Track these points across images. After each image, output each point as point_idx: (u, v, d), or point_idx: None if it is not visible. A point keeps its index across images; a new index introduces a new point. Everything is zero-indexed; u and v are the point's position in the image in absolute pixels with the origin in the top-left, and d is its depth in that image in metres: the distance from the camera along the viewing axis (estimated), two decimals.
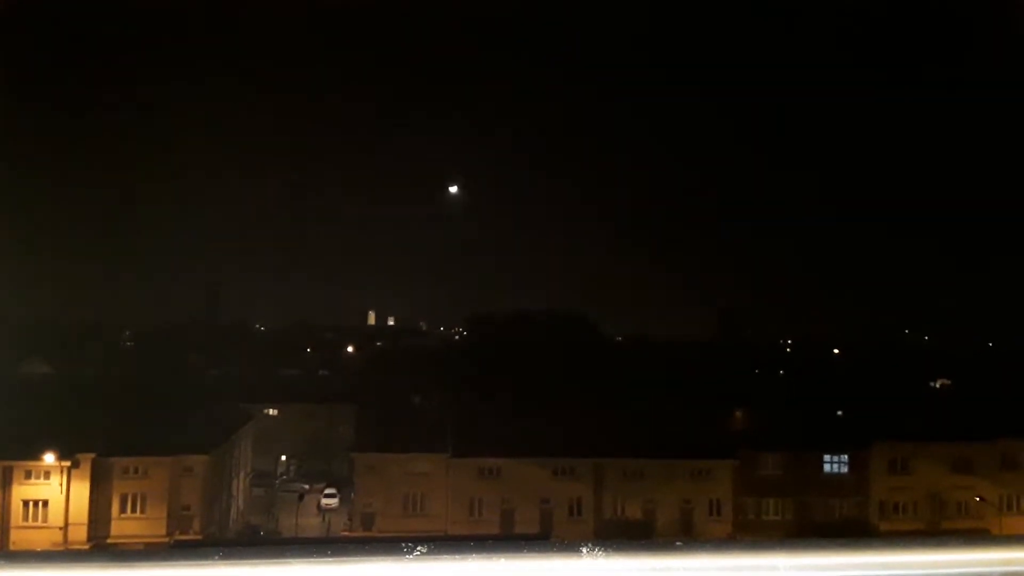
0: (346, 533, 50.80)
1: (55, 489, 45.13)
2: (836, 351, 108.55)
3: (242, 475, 59.05)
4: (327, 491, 60.10)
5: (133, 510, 46.97)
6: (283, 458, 66.24)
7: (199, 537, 46.85)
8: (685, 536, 49.74)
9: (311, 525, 56.05)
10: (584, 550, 2.93)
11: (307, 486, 61.80)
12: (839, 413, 55.44)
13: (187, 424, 47.98)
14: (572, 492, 50.30)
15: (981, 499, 49.91)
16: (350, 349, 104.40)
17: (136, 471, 47.29)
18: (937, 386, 74.84)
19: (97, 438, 45.77)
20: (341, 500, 58.05)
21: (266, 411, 67.19)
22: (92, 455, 45.61)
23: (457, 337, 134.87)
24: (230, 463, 55.01)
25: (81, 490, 45.49)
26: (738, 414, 56.94)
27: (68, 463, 44.97)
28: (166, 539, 46.01)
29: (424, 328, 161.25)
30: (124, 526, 46.52)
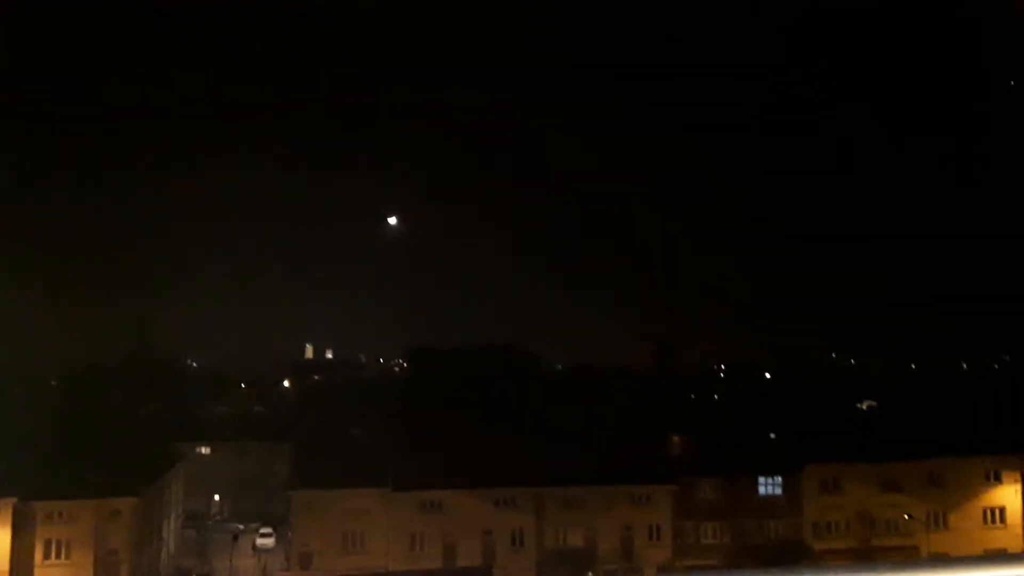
0: (283, 574, 49.64)
1: None
2: (767, 375, 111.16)
3: (173, 517, 57.26)
4: (263, 531, 58.64)
5: (57, 556, 45.05)
6: (216, 498, 64.46)
7: None
8: (627, 563, 50.14)
9: (246, 567, 54.52)
10: None
11: (242, 526, 60.19)
12: (772, 436, 56.78)
13: (115, 466, 46.40)
14: (514, 523, 50.15)
15: (910, 517, 51.55)
16: (286, 384, 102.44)
17: (60, 516, 45.39)
18: (864, 408, 77.21)
19: (19, 482, 43.87)
20: (278, 539, 56.69)
21: (198, 450, 65.40)
22: (13, 500, 43.67)
23: (397, 370, 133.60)
24: (160, 505, 53.31)
25: (1, 537, 43.44)
26: (676, 440, 57.75)
27: None
28: None
29: (363, 361, 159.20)
30: (48, 573, 44.57)
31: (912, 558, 48.06)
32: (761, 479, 52.57)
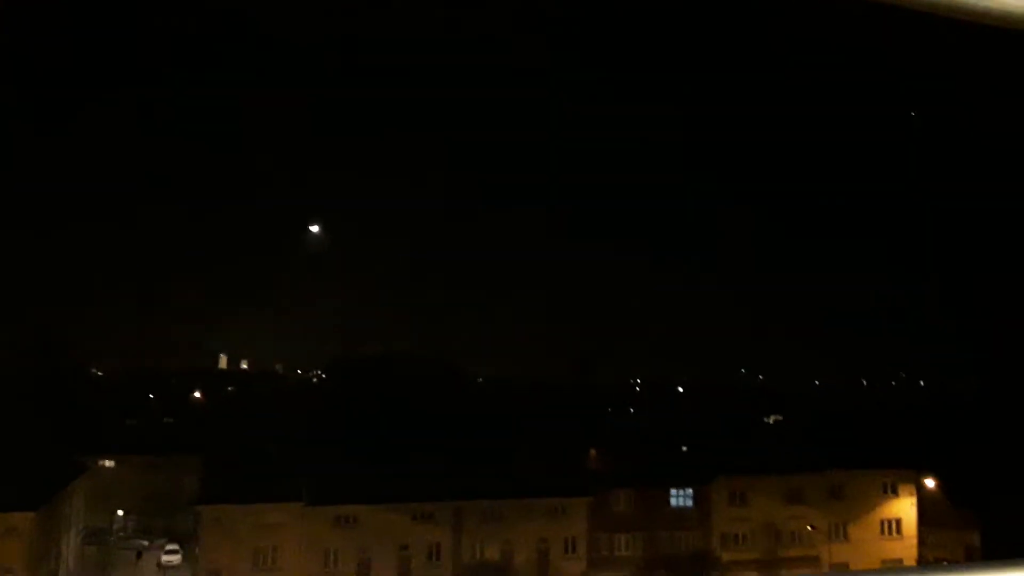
0: None
1: None
2: (680, 389, 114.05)
3: (73, 532, 54.86)
4: (168, 547, 56.67)
5: None
6: (120, 513, 62.03)
7: None
8: (541, 574, 50.63)
9: None
10: None
11: (146, 542, 58.09)
12: (684, 449, 58.35)
13: (11, 478, 44.19)
14: (431, 537, 49.98)
15: (812, 528, 53.71)
16: (197, 394, 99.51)
17: None
18: (771, 422, 79.99)
19: None
20: (184, 556, 54.91)
21: (102, 463, 62.86)
22: None
23: (315, 380, 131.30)
24: (60, 520, 51.02)
25: None
26: (592, 452, 58.69)
27: None
28: None
29: (281, 371, 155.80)
30: None
31: (814, 571, 50.10)
32: (673, 491, 53.97)
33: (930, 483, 54.28)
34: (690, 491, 53.83)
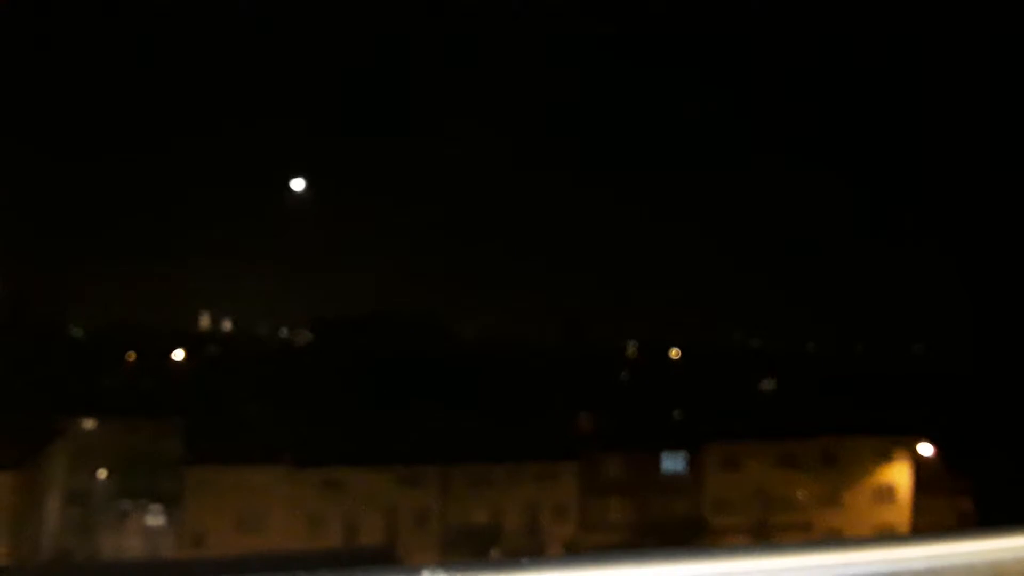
0: (174, 554, 47.58)
1: None
2: (671, 354, 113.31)
3: (55, 494, 53.93)
4: (152, 508, 55.97)
5: None
6: (102, 475, 61.01)
7: (4, 565, 42.41)
8: (533, 540, 50.07)
9: (134, 547, 51.94)
10: (426, 572, 2.34)
11: (130, 504, 57.22)
12: (676, 413, 57.71)
13: None
14: (418, 500, 49.40)
15: (804, 494, 53.29)
16: (180, 355, 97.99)
17: None
18: (765, 387, 79.35)
19: None
20: (169, 519, 54.16)
21: (83, 424, 61.60)
22: None
23: (301, 341, 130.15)
24: (41, 481, 50.06)
25: None
26: (583, 416, 57.97)
27: None
28: None
29: (265, 331, 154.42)
30: None
31: (808, 537, 49.75)
32: (665, 456, 53.41)
33: (925, 450, 53.87)
34: (682, 456, 53.26)
